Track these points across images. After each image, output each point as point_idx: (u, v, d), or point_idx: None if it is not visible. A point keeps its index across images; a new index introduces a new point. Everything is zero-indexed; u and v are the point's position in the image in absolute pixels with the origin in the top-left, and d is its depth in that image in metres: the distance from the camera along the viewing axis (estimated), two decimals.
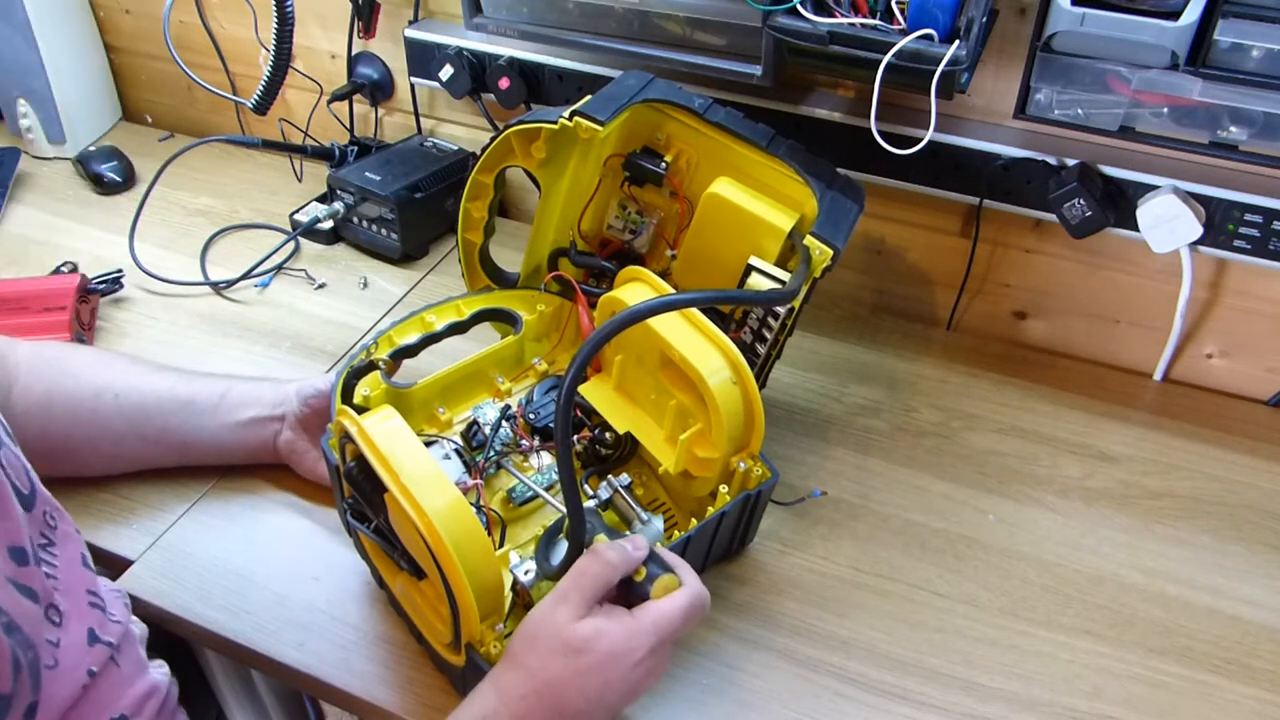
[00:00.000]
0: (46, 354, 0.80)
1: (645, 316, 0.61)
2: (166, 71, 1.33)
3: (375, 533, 0.65)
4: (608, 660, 0.57)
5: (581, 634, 0.57)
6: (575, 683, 0.57)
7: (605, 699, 0.57)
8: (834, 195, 0.78)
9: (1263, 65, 0.75)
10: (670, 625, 0.59)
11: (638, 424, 0.78)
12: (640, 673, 0.58)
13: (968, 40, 0.77)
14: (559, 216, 0.86)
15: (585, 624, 0.58)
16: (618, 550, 0.60)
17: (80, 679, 0.58)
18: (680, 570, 0.62)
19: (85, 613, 0.61)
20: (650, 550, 0.62)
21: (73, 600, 0.60)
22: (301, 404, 0.80)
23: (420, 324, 0.81)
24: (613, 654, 0.57)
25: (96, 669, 0.59)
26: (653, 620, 0.58)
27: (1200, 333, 0.98)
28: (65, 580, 0.60)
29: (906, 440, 0.91)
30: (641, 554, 0.61)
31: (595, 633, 0.57)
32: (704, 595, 0.61)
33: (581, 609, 0.58)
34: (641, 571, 0.61)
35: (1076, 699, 0.70)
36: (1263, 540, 0.83)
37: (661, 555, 0.62)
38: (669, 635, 0.59)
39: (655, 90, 0.81)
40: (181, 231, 1.16)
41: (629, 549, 0.60)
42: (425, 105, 1.21)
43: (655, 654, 0.58)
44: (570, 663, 0.57)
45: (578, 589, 0.58)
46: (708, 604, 0.61)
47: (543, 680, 0.57)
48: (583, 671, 0.57)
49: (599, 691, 0.57)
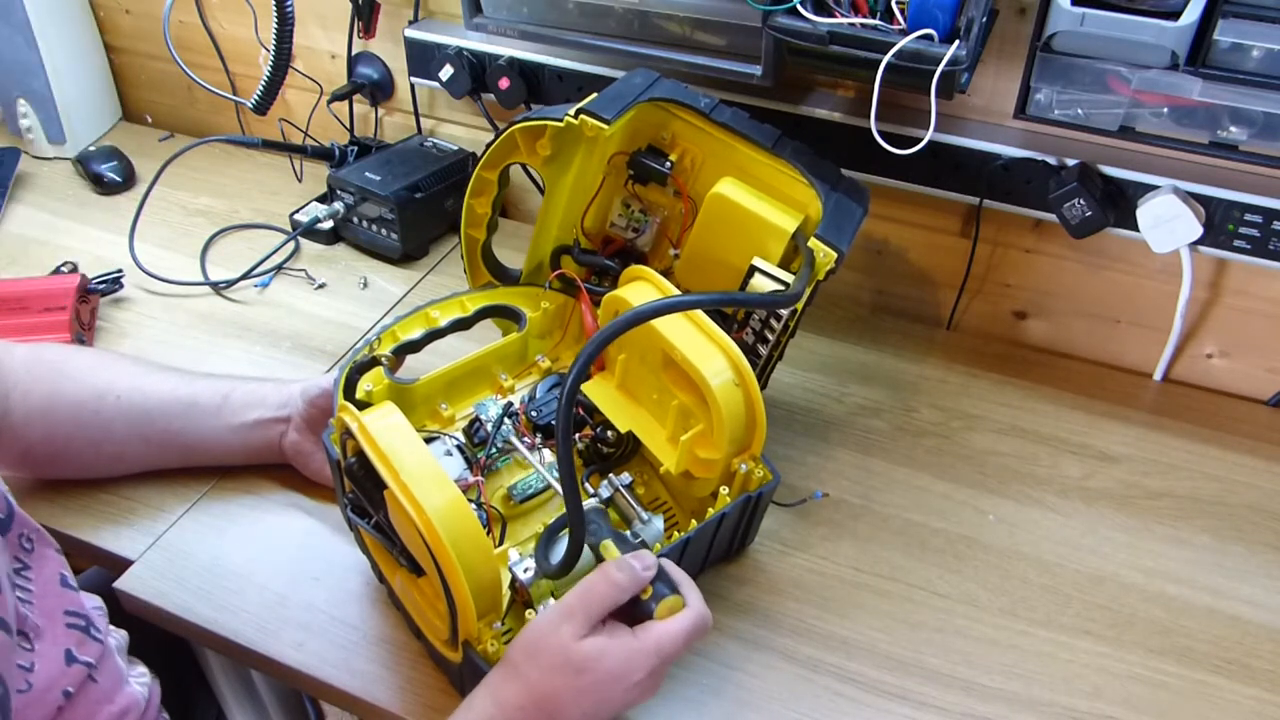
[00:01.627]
0: (46, 357, 0.80)
1: (649, 318, 0.61)
2: (166, 71, 1.33)
3: (375, 529, 0.65)
4: (608, 680, 0.58)
5: (585, 652, 0.58)
6: (573, 699, 0.58)
7: (599, 714, 0.59)
8: (839, 197, 0.78)
9: (1263, 65, 0.75)
10: (672, 648, 0.59)
11: (640, 423, 0.78)
12: (636, 692, 0.59)
13: (968, 40, 0.77)
14: (562, 214, 0.86)
15: (589, 643, 0.58)
16: (627, 572, 0.60)
17: (55, 700, 0.58)
18: (686, 590, 0.62)
19: (62, 634, 0.60)
20: (658, 568, 0.62)
21: (49, 621, 0.60)
22: (307, 404, 0.80)
23: (424, 319, 0.81)
24: (613, 674, 0.58)
25: (73, 689, 0.59)
26: (655, 642, 0.59)
27: (1200, 333, 0.98)
28: (41, 602, 0.60)
29: (907, 440, 0.91)
30: (650, 574, 0.61)
31: (598, 652, 0.58)
32: (707, 617, 0.62)
33: (585, 628, 0.58)
34: (648, 590, 0.61)
35: (1076, 699, 0.70)
36: (1263, 540, 0.83)
37: (669, 572, 0.62)
38: (669, 657, 0.60)
39: (661, 89, 0.81)
40: (181, 231, 1.16)
41: (638, 569, 0.60)
42: (425, 105, 1.21)
43: (653, 675, 0.59)
44: (571, 680, 0.58)
45: (584, 607, 0.59)
46: (709, 625, 0.62)
47: (541, 694, 0.58)
48: (583, 690, 0.58)
49: (594, 707, 0.58)
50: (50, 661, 0.58)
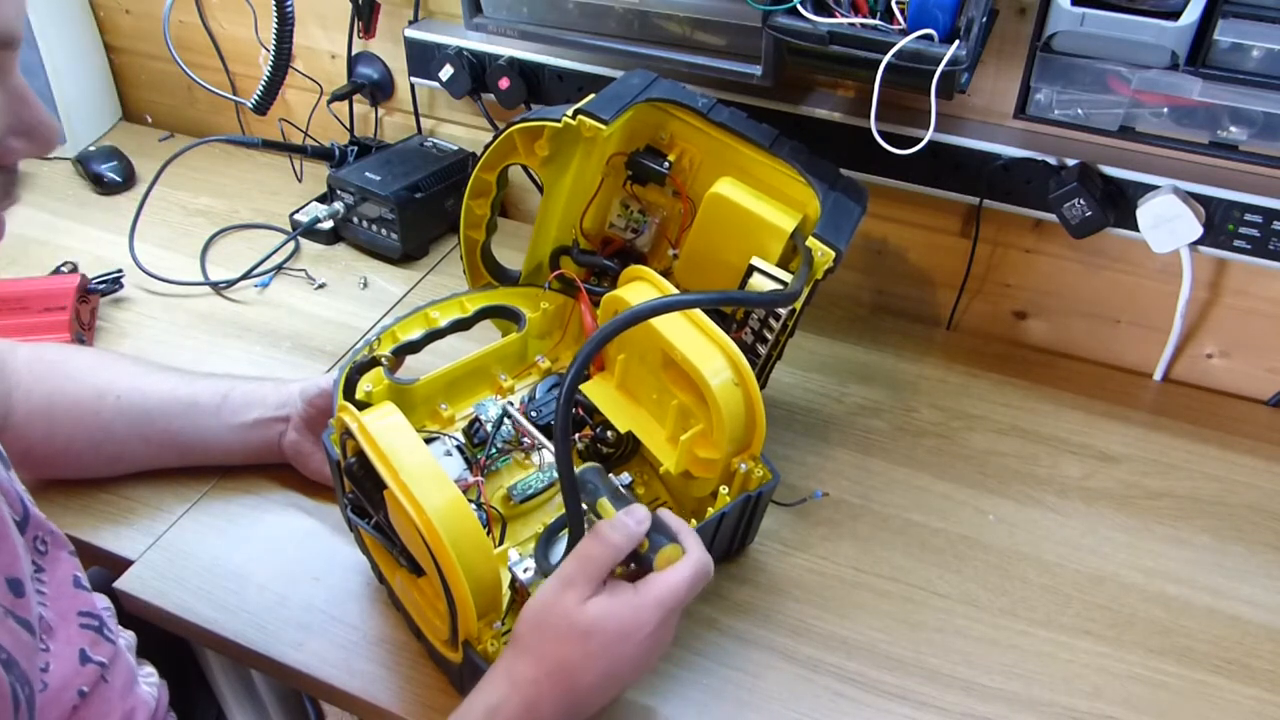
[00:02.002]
0: (48, 357, 0.80)
1: (647, 317, 0.61)
2: (166, 71, 1.33)
3: (375, 529, 0.65)
4: (617, 639, 0.58)
5: (589, 615, 0.58)
6: (586, 664, 0.57)
7: (616, 674, 0.58)
8: (837, 196, 0.78)
9: (1263, 65, 0.75)
10: (675, 597, 0.59)
11: (639, 423, 0.78)
12: (649, 645, 0.59)
13: (968, 40, 0.77)
14: (561, 215, 0.86)
15: (592, 605, 0.58)
16: (620, 529, 0.60)
17: (71, 700, 0.58)
18: (683, 536, 0.62)
19: (76, 634, 0.61)
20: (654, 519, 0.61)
21: (63, 622, 0.60)
22: (306, 404, 0.80)
23: (424, 320, 0.82)
24: (621, 633, 0.58)
25: (88, 688, 0.59)
26: (657, 595, 0.58)
27: (1200, 333, 0.98)
28: (55, 604, 0.60)
29: (907, 440, 0.91)
30: (643, 528, 0.60)
31: (602, 614, 0.58)
32: (707, 562, 0.61)
33: (587, 592, 0.58)
34: (645, 543, 0.60)
35: (1076, 699, 0.70)
36: (1263, 540, 0.83)
37: (664, 521, 0.62)
38: (675, 607, 0.59)
39: (659, 89, 0.81)
40: (181, 231, 1.16)
41: (630, 525, 0.60)
42: (425, 105, 1.21)
43: (663, 626, 0.59)
44: (580, 646, 0.57)
45: (582, 572, 0.59)
46: (711, 570, 0.61)
47: (553, 664, 0.58)
48: (593, 653, 0.57)
49: (609, 669, 0.58)
50: (65, 661, 0.58)
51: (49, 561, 0.61)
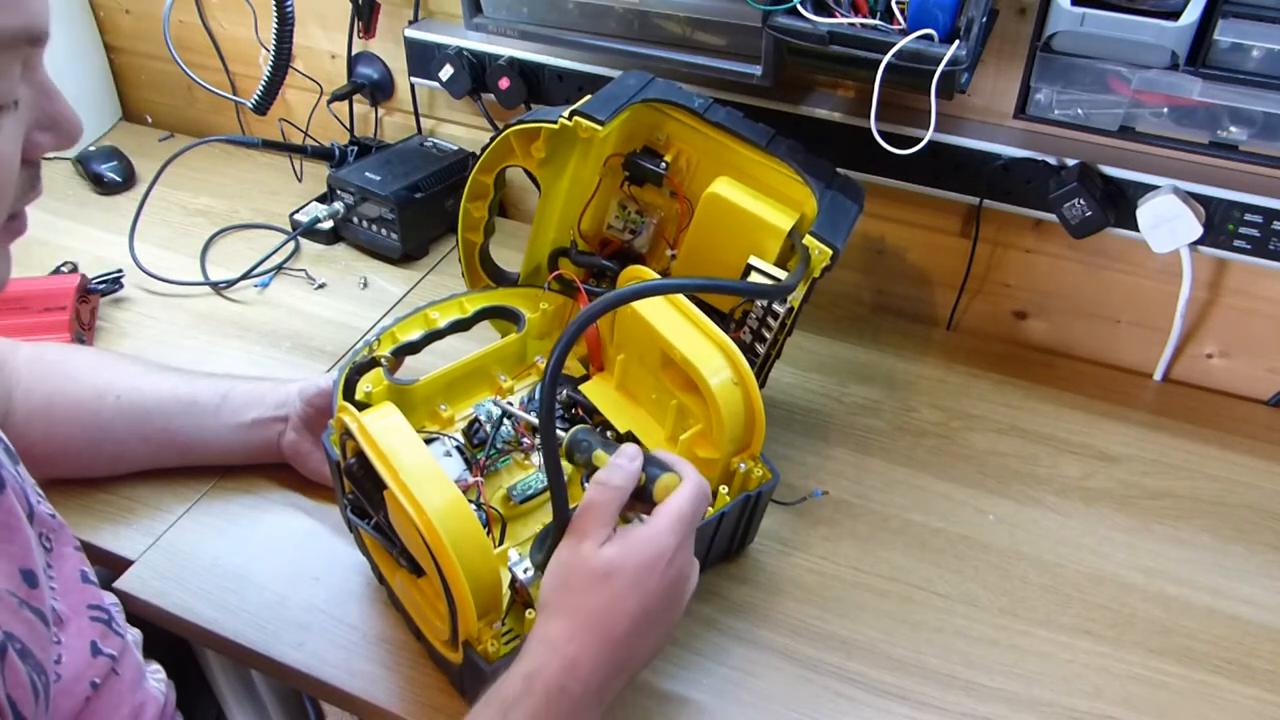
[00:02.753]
0: (48, 356, 0.80)
1: (632, 299, 0.62)
2: (166, 71, 1.33)
3: (375, 529, 0.65)
4: (640, 573, 0.58)
5: (607, 558, 0.58)
6: (617, 606, 0.57)
7: (650, 611, 0.58)
8: (833, 195, 0.78)
9: (1263, 65, 0.75)
10: (684, 521, 0.60)
11: (639, 423, 0.78)
12: (673, 574, 0.59)
13: (968, 40, 0.77)
14: (559, 216, 0.86)
15: (607, 549, 0.58)
16: (616, 472, 0.61)
17: (84, 691, 0.58)
18: (677, 465, 0.63)
19: (87, 626, 0.61)
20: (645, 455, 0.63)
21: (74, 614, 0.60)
22: (305, 404, 0.80)
23: (423, 320, 0.81)
24: (643, 566, 0.58)
25: (99, 680, 0.60)
26: (666, 522, 0.59)
27: (1200, 333, 0.98)
28: (65, 597, 0.60)
29: (906, 440, 0.91)
30: (638, 464, 0.62)
31: (620, 553, 0.58)
32: (704, 483, 0.63)
33: (600, 538, 0.59)
34: (642, 477, 0.62)
35: (1076, 699, 0.70)
36: (1263, 540, 0.83)
37: (656, 455, 0.64)
38: (686, 529, 0.60)
39: (655, 90, 0.81)
40: (181, 231, 1.16)
41: (625, 464, 0.61)
42: (425, 105, 1.21)
43: (681, 550, 0.60)
44: (607, 590, 0.57)
45: (591, 521, 0.59)
46: (709, 490, 0.63)
47: (586, 616, 0.57)
48: (620, 594, 0.57)
49: (641, 607, 0.58)
50: (76, 653, 0.58)
51: (55, 557, 0.61)
